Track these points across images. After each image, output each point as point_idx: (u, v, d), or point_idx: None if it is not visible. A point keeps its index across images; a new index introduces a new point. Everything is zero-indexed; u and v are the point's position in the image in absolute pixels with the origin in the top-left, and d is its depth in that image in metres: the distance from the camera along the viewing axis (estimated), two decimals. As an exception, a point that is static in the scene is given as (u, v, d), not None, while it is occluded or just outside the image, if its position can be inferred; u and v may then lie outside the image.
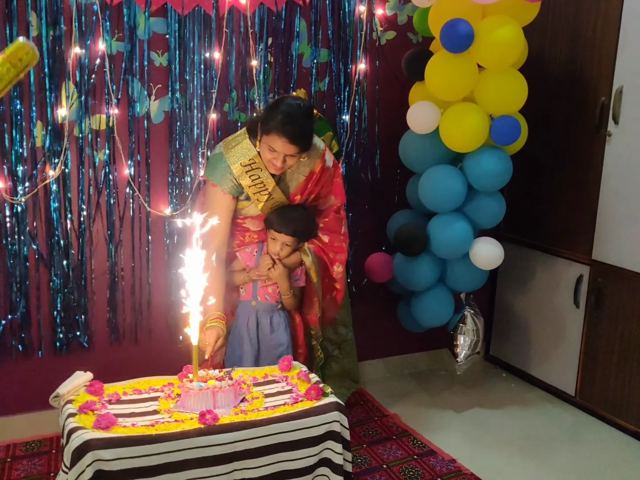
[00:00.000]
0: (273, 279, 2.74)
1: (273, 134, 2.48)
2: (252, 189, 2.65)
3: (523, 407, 3.56)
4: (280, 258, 2.73)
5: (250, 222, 2.77)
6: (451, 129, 3.06)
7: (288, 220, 2.69)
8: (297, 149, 2.52)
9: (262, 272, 2.74)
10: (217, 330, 2.53)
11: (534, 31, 3.43)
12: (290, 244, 2.72)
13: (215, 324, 2.56)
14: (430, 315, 3.38)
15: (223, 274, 2.68)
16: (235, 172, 2.62)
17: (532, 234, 3.76)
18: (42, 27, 2.77)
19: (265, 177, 2.64)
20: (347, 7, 3.30)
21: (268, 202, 2.69)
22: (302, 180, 2.73)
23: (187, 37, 3.01)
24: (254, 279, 2.77)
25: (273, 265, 2.72)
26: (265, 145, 2.55)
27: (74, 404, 2.12)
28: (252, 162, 2.63)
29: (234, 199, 2.67)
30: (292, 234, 2.70)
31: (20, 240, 2.89)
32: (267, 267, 2.72)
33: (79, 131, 2.92)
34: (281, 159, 2.54)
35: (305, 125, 2.54)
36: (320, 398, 2.22)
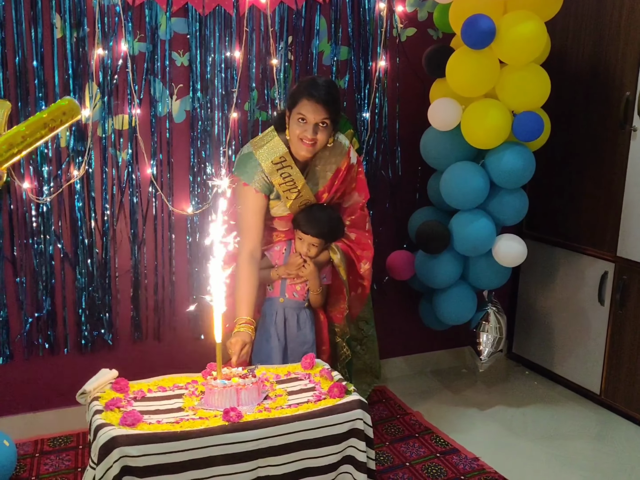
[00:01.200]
0: (304, 277, 2.75)
1: (302, 98, 2.54)
2: (282, 186, 2.66)
3: (547, 405, 3.53)
4: (309, 257, 2.74)
5: (278, 223, 2.78)
6: (473, 125, 3.04)
7: (314, 221, 2.70)
8: (326, 111, 2.54)
9: (292, 271, 2.75)
10: (243, 337, 2.50)
11: (557, 26, 3.41)
12: (316, 245, 2.73)
13: (243, 329, 2.54)
14: (453, 313, 3.37)
15: (256, 275, 2.66)
16: (266, 169, 2.64)
17: (555, 230, 3.73)
18: (65, 29, 2.81)
19: (295, 175, 2.66)
20: (367, 5, 3.29)
21: (297, 200, 2.70)
22: (329, 178, 2.74)
23: (208, 37, 3.03)
24: (284, 277, 2.78)
25: (303, 263, 2.73)
26: (295, 119, 2.57)
27: (101, 400, 2.15)
28: (282, 159, 2.64)
29: (266, 197, 2.68)
30: (318, 235, 2.71)
31: (45, 240, 2.93)
32: (298, 265, 2.73)
33: (102, 131, 2.95)
34: (311, 129, 2.54)
35: (331, 90, 2.59)
36: (343, 396, 2.22)
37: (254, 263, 2.65)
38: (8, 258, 2.89)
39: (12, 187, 2.85)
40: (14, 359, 2.97)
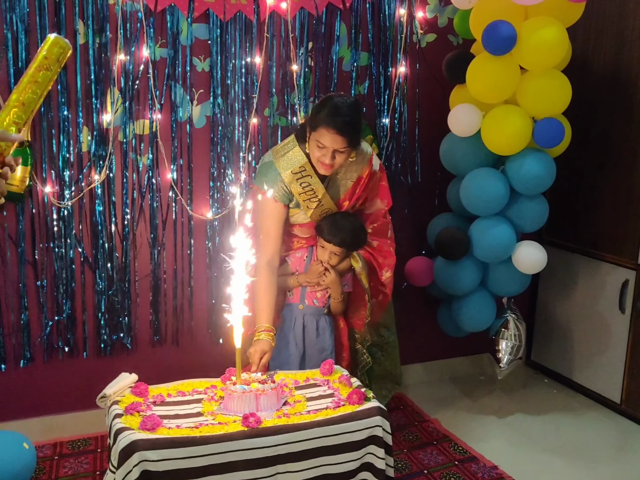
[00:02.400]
0: (326, 285, 2.74)
1: (321, 127, 2.48)
2: (302, 196, 2.66)
3: (566, 414, 3.50)
4: (330, 265, 2.73)
5: (299, 229, 2.78)
6: (493, 131, 3.03)
7: (338, 230, 2.68)
8: (346, 141, 2.50)
9: (312, 279, 2.74)
10: (262, 346, 2.49)
11: (578, 31, 3.39)
12: (338, 254, 2.72)
13: (263, 336, 2.53)
14: (472, 320, 3.35)
15: (275, 283, 2.65)
16: (286, 179, 2.63)
17: (575, 237, 3.70)
18: (88, 34, 2.83)
19: (315, 184, 2.65)
20: (387, 11, 3.29)
21: (317, 209, 2.69)
22: (350, 186, 2.73)
23: (229, 43, 3.04)
24: (304, 285, 2.78)
25: (325, 271, 2.72)
26: (314, 142, 2.54)
27: (120, 404, 2.16)
28: (302, 169, 2.63)
29: (285, 206, 2.68)
30: (340, 244, 2.70)
31: (66, 243, 2.95)
32: (319, 274, 2.72)
33: (123, 136, 2.97)
34: (330, 155, 2.51)
35: (353, 118, 2.52)
36: (362, 402, 2.21)
37: (272, 271, 2.64)
38: (29, 261, 2.92)
39: (34, 191, 2.87)
40: (34, 361, 3.00)
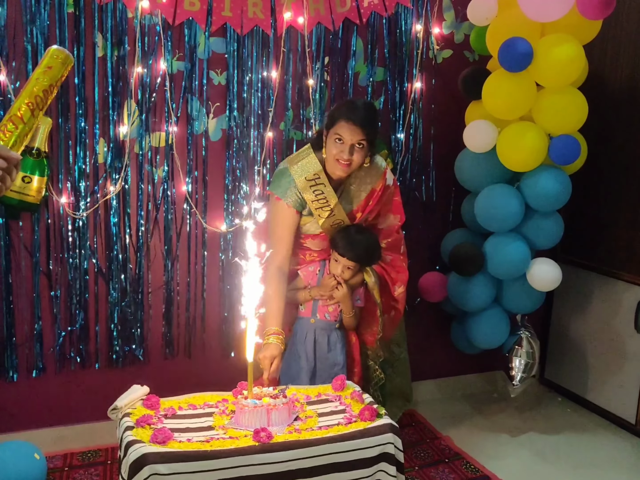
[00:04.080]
0: (337, 299, 2.74)
1: (340, 120, 2.54)
2: (314, 204, 2.66)
3: (580, 434, 3.45)
4: (343, 279, 2.73)
5: (311, 242, 2.77)
6: (509, 148, 3.02)
7: (352, 245, 2.67)
8: (363, 133, 2.53)
9: (325, 292, 2.74)
10: (272, 351, 2.49)
11: (595, 48, 3.37)
12: (352, 268, 2.71)
13: (272, 340, 2.53)
14: (486, 337, 3.33)
15: (284, 288, 2.67)
16: (300, 185, 2.64)
17: (590, 255, 3.67)
18: (107, 47, 2.86)
19: (328, 193, 2.66)
20: (404, 26, 3.31)
21: (329, 219, 2.69)
22: (364, 198, 2.73)
23: (246, 57, 3.06)
24: (316, 298, 2.78)
25: (337, 285, 2.72)
26: (332, 140, 2.57)
27: (131, 417, 2.15)
28: (316, 177, 2.65)
29: (298, 213, 2.69)
30: (354, 258, 2.69)
31: (80, 254, 2.96)
32: (332, 287, 2.72)
33: (139, 148, 2.99)
34: (348, 149, 2.54)
35: (370, 113, 2.60)
36: (375, 419, 2.19)
37: (282, 276, 2.65)
38: (44, 271, 2.93)
39: (50, 201, 2.89)
40: (46, 372, 3.00)
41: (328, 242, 2.77)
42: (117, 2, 2.84)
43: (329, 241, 2.76)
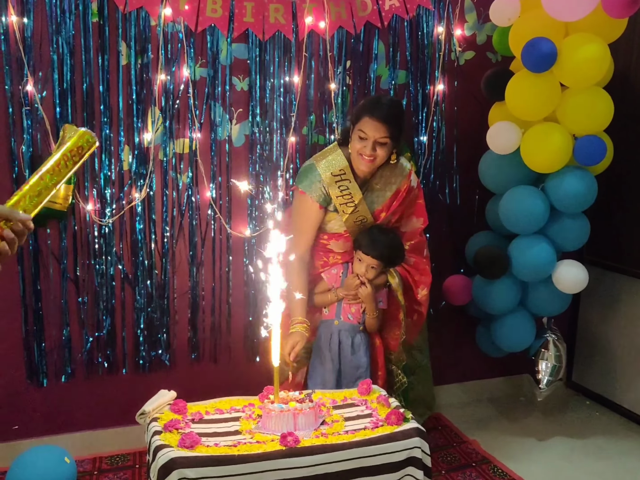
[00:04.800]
0: (361, 298, 2.74)
1: (364, 116, 2.57)
2: (339, 199, 2.68)
3: (609, 437, 3.41)
4: (367, 279, 2.73)
5: (334, 244, 2.78)
6: (533, 149, 3.00)
7: (376, 244, 2.69)
8: (387, 130, 2.56)
9: (349, 291, 2.74)
10: (294, 337, 2.59)
11: (620, 47, 3.33)
12: (376, 267, 2.72)
13: (297, 328, 2.61)
14: (511, 340, 3.30)
15: (307, 277, 2.73)
16: (326, 180, 2.67)
17: (617, 256, 3.63)
18: (131, 55, 2.89)
19: (353, 189, 2.68)
20: (425, 29, 3.30)
21: (352, 215, 2.71)
22: (388, 197, 2.75)
23: (268, 62, 3.08)
24: (341, 297, 2.78)
25: (361, 285, 2.72)
26: (356, 135, 2.61)
27: (159, 422, 2.17)
28: (342, 172, 2.68)
29: (322, 208, 2.71)
30: (378, 257, 2.70)
31: (107, 261, 2.99)
32: (356, 286, 2.72)
33: (163, 155, 3.01)
34: (371, 145, 2.57)
35: (394, 109, 2.62)
36: (401, 423, 2.19)
37: (304, 266, 2.72)
38: (71, 278, 2.97)
39: (77, 209, 2.93)
40: (75, 377, 3.04)
41: (351, 244, 2.79)
42: (141, 10, 2.87)
43: (353, 241, 2.77)
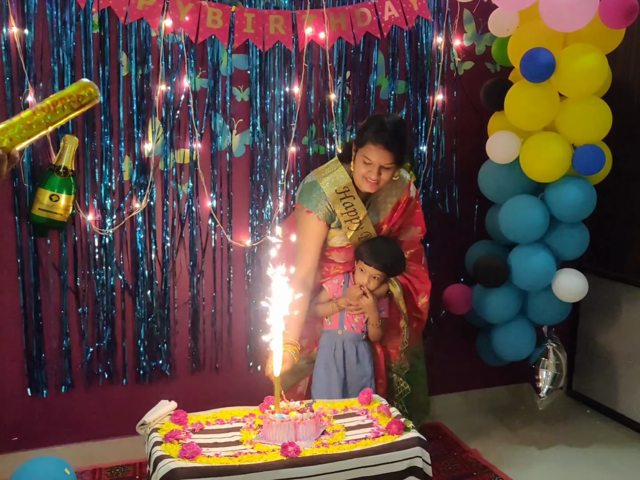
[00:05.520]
0: (363, 308, 2.74)
1: (368, 143, 2.56)
2: (344, 216, 2.69)
3: (610, 446, 3.40)
4: (369, 289, 2.73)
5: (336, 254, 2.79)
6: (532, 158, 3.01)
7: (378, 254, 2.70)
8: (392, 157, 2.56)
9: (351, 301, 2.75)
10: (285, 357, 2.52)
11: (618, 59, 3.35)
12: (378, 277, 2.73)
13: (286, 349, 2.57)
14: (512, 349, 3.30)
15: (307, 300, 2.70)
16: (330, 198, 2.68)
17: (617, 265, 3.63)
18: (131, 66, 2.90)
19: (358, 205, 2.69)
20: (425, 39, 3.31)
21: (357, 232, 2.72)
22: (390, 210, 2.77)
23: (268, 73, 3.09)
24: (343, 307, 2.78)
25: (362, 295, 2.72)
26: (360, 159, 2.60)
27: (160, 432, 2.17)
28: (346, 189, 2.68)
29: (327, 225, 2.72)
30: (381, 267, 2.71)
31: (107, 271, 2.99)
32: (358, 297, 2.72)
33: (164, 165, 3.02)
34: (376, 170, 2.58)
35: (399, 134, 2.61)
36: (402, 433, 2.19)
37: (306, 288, 2.69)
38: (71, 288, 2.97)
39: (77, 219, 2.93)
40: (74, 388, 3.03)
41: (352, 255, 2.79)
42: (141, 21, 2.88)
43: (354, 252, 2.78)
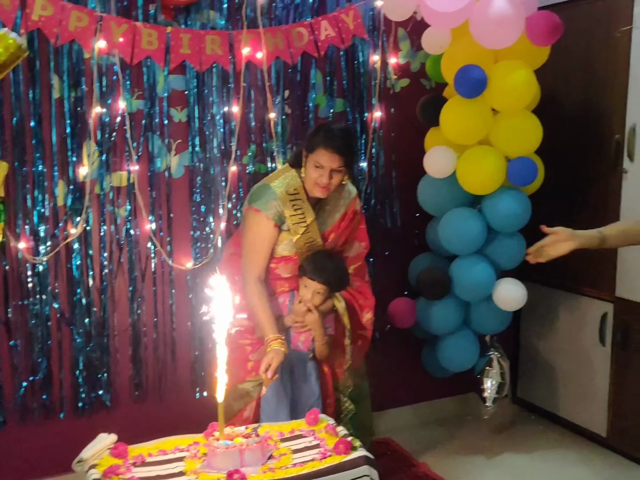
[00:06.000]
0: (309, 325, 2.72)
1: (318, 148, 2.61)
2: (292, 218, 2.70)
3: (554, 451, 3.47)
4: (314, 305, 2.72)
5: (283, 267, 2.76)
6: (468, 172, 3.07)
7: (322, 269, 2.69)
8: (342, 160, 2.62)
9: (297, 318, 2.73)
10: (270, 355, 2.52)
11: (546, 73, 3.42)
12: (322, 293, 2.71)
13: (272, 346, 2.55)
14: (456, 360, 3.34)
15: (267, 296, 2.69)
16: (281, 198, 2.68)
17: (554, 273, 3.71)
18: (63, 89, 2.83)
19: (306, 209, 2.71)
20: (361, 57, 3.35)
21: (303, 236, 2.71)
22: (337, 219, 2.80)
23: (206, 93, 3.06)
24: (290, 325, 2.75)
25: (307, 311, 2.71)
26: (311, 164, 2.64)
27: (98, 468, 2.07)
28: (296, 192, 2.71)
29: (277, 227, 2.70)
30: (325, 282, 2.70)
31: (41, 300, 2.89)
32: (303, 313, 2.70)
33: (100, 189, 2.95)
34: (327, 174, 2.61)
35: (348, 139, 2.69)
36: (349, 452, 2.16)
37: (262, 285, 2.69)
38: (2, 321, 2.84)
39: (7, 247, 2.81)
40: (7, 425, 2.89)
41: (297, 269, 2.78)
42: (73, 43, 2.81)
43: (298, 268, 2.76)
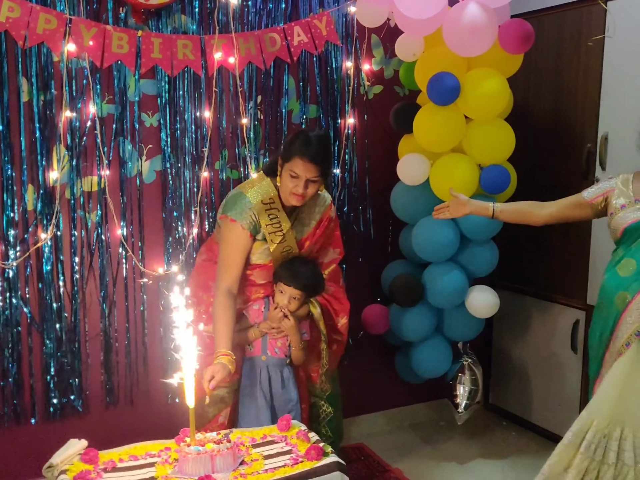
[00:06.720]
0: (285, 331, 2.72)
1: (294, 157, 2.59)
2: (268, 227, 2.69)
3: (525, 457, 3.49)
4: (289, 310, 2.72)
5: (258, 274, 2.76)
6: (441, 179, 3.09)
7: (298, 274, 2.69)
8: (318, 170, 2.60)
9: (273, 324, 2.72)
10: (215, 367, 2.48)
11: (518, 83, 3.49)
12: (298, 298, 2.71)
13: (219, 360, 2.51)
14: (429, 366, 3.35)
15: (234, 310, 2.65)
16: (256, 208, 2.67)
17: (526, 280, 3.76)
18: (32, 92, 2.80)
19: (282, 218, 2.70)
20: (334, 64, 3.36)
21: (280, 245, 2.71)
22: (313, 227, 2.80)
23: (177, 98, 3.05)
24: (266, 332, 2.74)
25: (284, 317, 2.70)
26: (287, 173, 2.62)
27: (68, 474, 2.06)
28: (271, 201, 2.69)
29: (251, 236, 2.69)
30: (301, 288, 2.70)
31: (11, 305, 2.85)
32: (279, 319, 2.69)
33: (70, 193, 2.92)
34: (303, 184, 2.60)
35: (324, 148, 2.67)
36: (321, 458, 2.16)
37: (232, 298, 2.65)
38: (-29, 326, 2.81)
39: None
40: (-23, 430, 2.86)
41: (272, 275, 2.77)
42: (42, 46, 2.79)
43: (273, 274, 2.75)
